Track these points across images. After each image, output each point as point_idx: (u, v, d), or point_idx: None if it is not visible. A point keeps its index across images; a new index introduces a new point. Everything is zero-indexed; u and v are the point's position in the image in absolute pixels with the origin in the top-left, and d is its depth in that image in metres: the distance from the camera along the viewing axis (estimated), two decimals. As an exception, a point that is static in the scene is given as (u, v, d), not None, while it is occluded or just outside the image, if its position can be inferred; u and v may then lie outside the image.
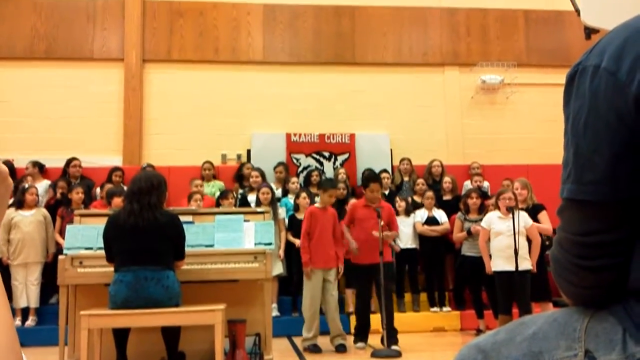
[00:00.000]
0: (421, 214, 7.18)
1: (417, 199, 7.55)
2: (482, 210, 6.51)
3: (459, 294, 6.92)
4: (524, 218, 5.30)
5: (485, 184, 8.05)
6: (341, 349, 5.33)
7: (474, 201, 6.55)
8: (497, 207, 5.55)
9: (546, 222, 5.46)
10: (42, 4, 8.70)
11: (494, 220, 5.46)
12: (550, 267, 1.04)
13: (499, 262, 5.30)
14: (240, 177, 7.83)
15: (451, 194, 7.71)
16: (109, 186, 7.08)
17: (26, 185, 6.74)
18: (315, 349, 5.32)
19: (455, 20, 9.41)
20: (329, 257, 5.45)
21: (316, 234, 5.43)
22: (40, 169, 7.65)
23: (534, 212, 5.46)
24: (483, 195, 7.10)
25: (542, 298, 5.54)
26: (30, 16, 8.66)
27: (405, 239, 7.01)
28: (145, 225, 3.86)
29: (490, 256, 5.49)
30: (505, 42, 9.42)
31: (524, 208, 5.47)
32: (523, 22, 9.49)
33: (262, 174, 7.50)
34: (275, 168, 7.99)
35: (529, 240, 5.36)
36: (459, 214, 6.74)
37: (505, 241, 5.22)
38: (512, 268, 5.12)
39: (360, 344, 5.37)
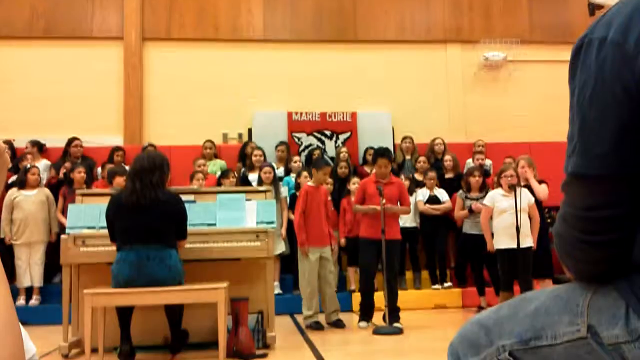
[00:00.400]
0: (423, 193, 7.18)
1: (418, 177, 7.54)
2: (484, 188, 6.51)
3: (461, 271, 6.95)
4: (526, 195, 5.30)
5: (488, 162, 8.03)
6: (340, 324, 5.41)
7: (476, 179, 6.54)
8: (499, 184, 5.55)
9: (543, 192, 5.50)
10: (40, -18, 8.60)
11: (497, 198, 5.46)
12: (554, 242, 1.04)
13: (502, 240, 5.32)
14: (243, 156, 7.81)
15: (452, 171, 7.70)
16: (110, 166, 7.08)
17: (28, 165, 6.74)
18: (317, 326, 5.37)
19: (458, -4, 9.29)
20: (324, 235, 5.51)
21: (312, 212, 5.45)
22: (40, 148, 7.64)
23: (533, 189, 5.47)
24: (485, 173, 7.09)
25: (543, 275, 5.57)
26: (28, -6, 8.57)
27: (406, 217, 7.02)
28: (147, 204, 3.86)
29: (492, 234, 5.50)
30: (508, 19, 9.31)
31: (526, 185, 5.47)
32: (526, -2, 9.37)
33: (264, 153, 7.50)
34: (276, 147, 7.98)
35: (531, 218, 5.37)
36: (460, 191, 6.73)
37: (508, 219, 5.23)
38: (514, 245, 5.14)
39: (363, 323, 5.41)
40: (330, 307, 5.51)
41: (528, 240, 5.25)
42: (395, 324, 5.17)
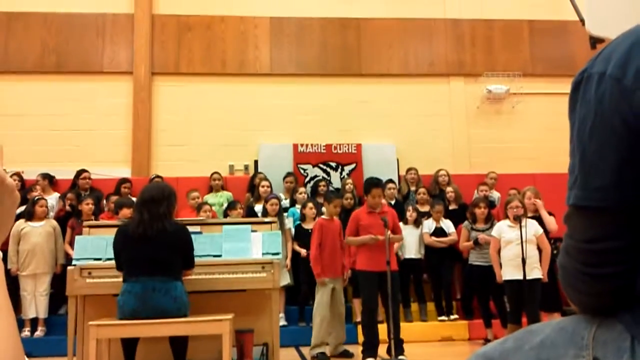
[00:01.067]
0: (429, 225, 7.18)
1: (419, 207, 7.56)
2: (489, 219, 6.51)
3: (467, 303, 6.90)
4: (533, 226, 5.30)
5: (496, 194, 8.05)
6: (347, 354, 5.47)
7: (481, 210, 6.55)
8: (505, 216, 5.56)
9: (553, 224, 5.46)
10: (52, 19, 8.84)
11: (503, 229, 5.46)
12: (558, 274, 1.04)
13: (509, 271, 5.30)
14: (252, 187, 7.87)
15: (455, 203, 7.72)
16: (115, 198, 7.14)
17: (36, 197, 6.81)
18: (323, 357, 5.36)
19: (460, 31, 9.46)
20: (337, 267, 5.63)
21: (327, 245, 5.57)
22: (50, 181, 7.73)
23: (540, 218, 5.46)
24: (490, 204, 7.10)
25: (552, 308, 5.53)
26: (40, 31, 8.80)
27: (410, 248, 7.02)
28: (154, 235, 3.88)
29: (500, 265, 5.48)
30: (510, 52, 9.45)
31: (533, 216, 5.47)
32: (528, 32, 9.52)
33: (271, 185, 7.58)
34: (284, 178, 8.07)
35: (540, 250, 5.35)
36: (466, 222, 6.73)
37: (514, 250, 5.22)
38: (520, 277, 5.11)
39: (369, 359, 5.35)
40: (337, 340, 5.55)
41: (535, 272, 5.22)
42: (401, 357, 5.12)
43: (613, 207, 0.89)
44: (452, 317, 6.93)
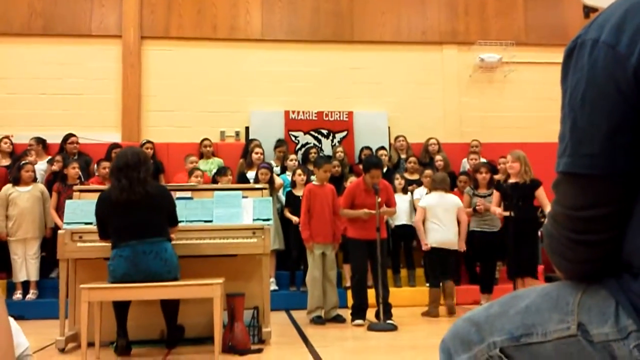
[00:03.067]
0: (420, 191, 7.22)
1: (408, 176, 7.58)
2: (492, 184, 6.49)
3: (470, 268, 6.98)
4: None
5: (483, 161, 8.07)
6: (339, 319, 5.54)
7: (483, 176, 6.55)
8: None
9: (544, 198, 5.46)
10: (39, -20, 8.63)
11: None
12: (544, 242, 1.05)
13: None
14: (247, 153, 7.82)
15: (444, 170, 7.74)
16: (105, 163, 7.09)
17: (22, 162, 6.75)
18: (319, 321, 5.47)
19: (454, -2, 9.35)
20: (328, 233, 5.61)
21: (316, 211, 5.56)
22: (44, 145, 7.68)
23: (531, 187, 5.41)
24: (493, 170, 7.10)
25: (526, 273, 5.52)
26: (27, -8, 8.59)
27: (401, 215, 7.07)
28: (137, 199, 3.88)
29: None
30: (503, 21, 9.38)
31: (519, 183, 5.44)
32: (522, 0, 9.43)
33: (264, 152, 7.60)
34: (276, 147, 8.07)
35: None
36: (468, 188, 6.75)
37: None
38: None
39: (358, 321, 5.45)
40: (330, 304, 5.60)
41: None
42: (389, 321, 5.22)
43: (602, 174, 0.89)
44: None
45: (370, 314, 5.44)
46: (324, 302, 5.60)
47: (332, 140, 8.62)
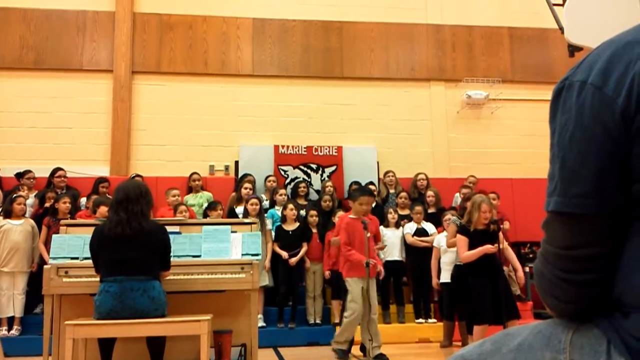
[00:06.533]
0: (410, 226, 7.24)
1: (399, 211, 7.60)
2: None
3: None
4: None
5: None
6: (383, 358, 5.22)
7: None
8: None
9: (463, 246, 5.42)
10: (32, 15, 8.72)
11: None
12: (534, 280, 1.05)
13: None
14: (238, 188, 7.77)
15: (435, 206, 7.79)
16: (95, 197, 7.06)
17: (14, 196, 6.71)
18: (341, 355, 5.31)
19: (441, 36, 9.56)
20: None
21: (355, 244, 5.32)
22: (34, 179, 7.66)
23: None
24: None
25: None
26: (19, 26, 8.67)
27: (392, 251, 7.06)
28: (131, 234, 3.83)
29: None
30: (490, 59, 9.58)
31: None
32: (508, 39, 9.66)
33: (254, 187, 7.58)
34: (267, 178, 8.08)
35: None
36: (454, 217, 6.75)
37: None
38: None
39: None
40: (376, 341, 5.28)
41: None
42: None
43: (593, 213, 0.90)
44: (429, 319, 6.99)
45: (356, 348, 5.36)
46: (369, 338, 5.27)
47: (322, 175, 8.65)
